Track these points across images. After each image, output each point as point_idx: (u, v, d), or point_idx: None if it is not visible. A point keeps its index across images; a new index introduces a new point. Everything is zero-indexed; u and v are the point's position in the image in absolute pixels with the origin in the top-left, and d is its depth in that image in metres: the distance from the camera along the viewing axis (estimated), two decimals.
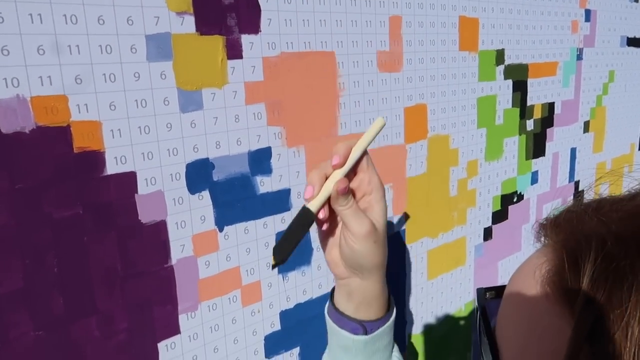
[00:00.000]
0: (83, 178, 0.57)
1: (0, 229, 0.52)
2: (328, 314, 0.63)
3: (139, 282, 0.63)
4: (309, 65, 0.75)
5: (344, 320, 0.59)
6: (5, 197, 0.52)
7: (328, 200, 0.52)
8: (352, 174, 0.55)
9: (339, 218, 0.56)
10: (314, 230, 0.75)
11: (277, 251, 0.52)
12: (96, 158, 0.58)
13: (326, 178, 0.53)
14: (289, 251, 0.51)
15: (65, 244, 0.57)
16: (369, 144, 0.52)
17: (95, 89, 0.57)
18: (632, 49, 1.42)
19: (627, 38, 1.39)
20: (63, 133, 0.55)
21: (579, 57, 1.25)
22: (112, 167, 0.59)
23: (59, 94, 0.54)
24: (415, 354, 1.02)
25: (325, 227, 0.56)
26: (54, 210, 0.55)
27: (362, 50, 0.81)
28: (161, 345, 0.66)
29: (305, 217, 0.51)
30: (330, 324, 0.62)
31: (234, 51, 0.67)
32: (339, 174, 0.51)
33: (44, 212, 0.55)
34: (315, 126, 0.77)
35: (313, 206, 0.51)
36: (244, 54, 0.68)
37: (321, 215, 0.52)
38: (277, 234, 0.76)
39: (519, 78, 1.09)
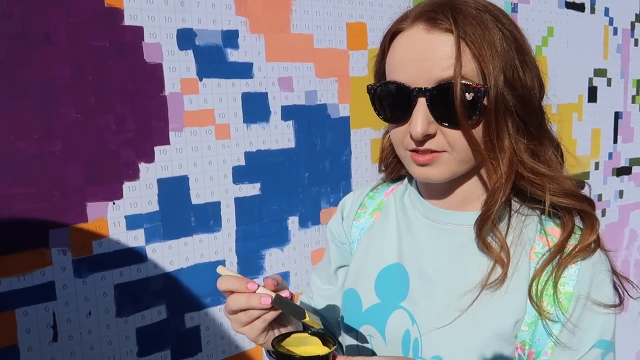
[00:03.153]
0: (109, 24, 0.92)
1: (57, 46, 0.87)
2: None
3: (143, 101, 0.96)
4: None
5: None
6: (62, 27, 0.88)
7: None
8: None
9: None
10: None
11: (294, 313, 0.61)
12: (118, 12, 0.93)
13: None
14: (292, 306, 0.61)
15: (97, 63, 0.91)
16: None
17: None
18: (570, 11, 1.69)
19: (565, 1, 1.67)
20: None
21: (514, 10, 1.54)
22: (128, 21, 0.94)
23: None
24: None
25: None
26: (90, 39, 0.90)
27: None
28: (157, 149, 0.99)
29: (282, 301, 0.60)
30: None
31: None
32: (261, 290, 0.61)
33: (86, 39, 0.90)
34: (273, 21, 1.10)
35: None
36: None
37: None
38: (245, 111, 1.08)
39: None
